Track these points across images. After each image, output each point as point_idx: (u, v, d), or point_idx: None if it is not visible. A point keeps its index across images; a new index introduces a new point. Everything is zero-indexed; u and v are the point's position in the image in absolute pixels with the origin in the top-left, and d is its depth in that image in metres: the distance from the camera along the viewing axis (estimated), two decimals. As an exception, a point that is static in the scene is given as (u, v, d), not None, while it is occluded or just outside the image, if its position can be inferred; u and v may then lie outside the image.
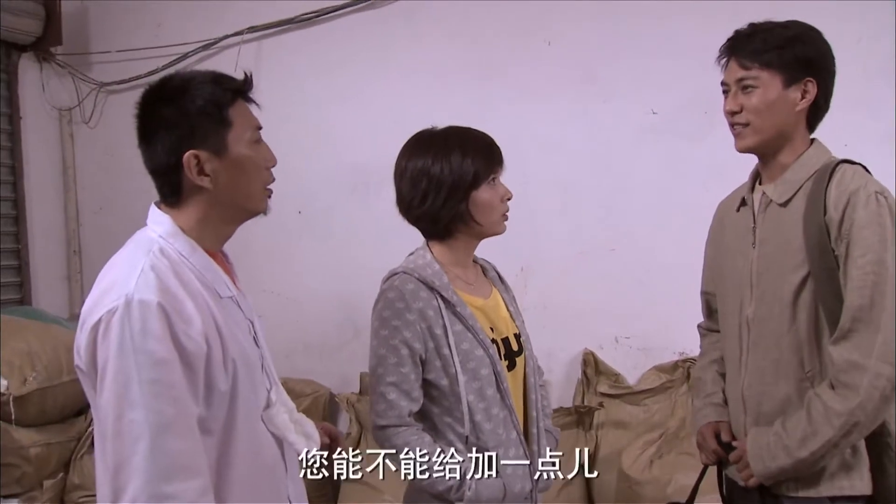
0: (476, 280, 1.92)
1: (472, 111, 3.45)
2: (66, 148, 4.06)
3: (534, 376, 1.90)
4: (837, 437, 1.65)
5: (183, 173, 1.43)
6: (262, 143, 1.53)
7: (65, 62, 3.99)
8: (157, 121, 1.44)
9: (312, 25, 3.69)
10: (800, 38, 1.77)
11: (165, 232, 1.44)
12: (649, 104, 3.41)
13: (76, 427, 3.08)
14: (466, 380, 1.77)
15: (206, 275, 1.45)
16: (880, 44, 3.19)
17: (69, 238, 4.08)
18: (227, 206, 1.49)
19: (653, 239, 3.42)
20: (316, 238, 3.74)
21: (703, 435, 1.98)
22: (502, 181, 1.86)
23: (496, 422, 1.79)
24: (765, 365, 1.80)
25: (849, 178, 1.71)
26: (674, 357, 3.40)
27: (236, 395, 1.42)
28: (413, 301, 1.76)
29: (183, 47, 3.83)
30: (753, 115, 1.77)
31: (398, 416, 1.77)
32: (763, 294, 1.80)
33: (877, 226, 1.65)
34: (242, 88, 1.50)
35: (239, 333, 1.47)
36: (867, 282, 1.63)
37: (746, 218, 1.88)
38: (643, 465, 3.13)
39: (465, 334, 1.78)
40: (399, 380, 1.76)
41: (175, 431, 1.29)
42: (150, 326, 1.29)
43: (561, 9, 3.46)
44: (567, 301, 3.50)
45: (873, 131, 3.16)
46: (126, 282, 1.33)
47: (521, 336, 1.91)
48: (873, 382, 1.61)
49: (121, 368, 1.28)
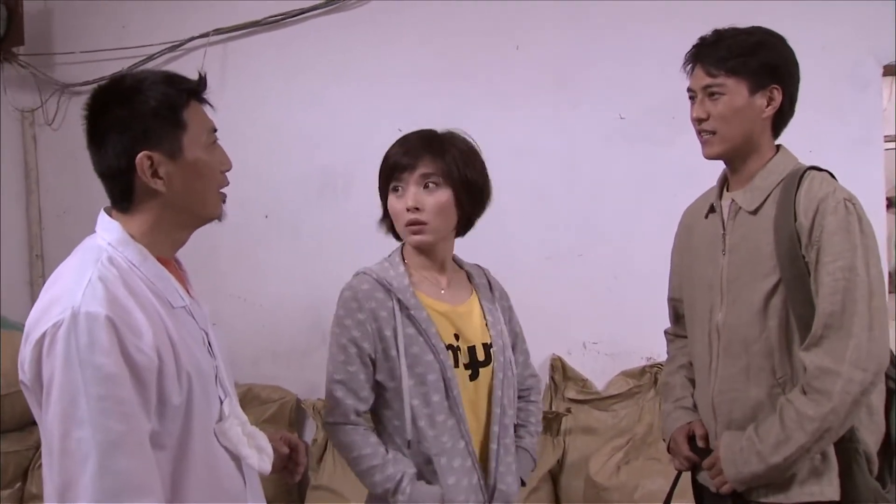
0: (451, 285, 1.90)
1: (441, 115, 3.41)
2: (29, 150, 3.97)
3: (501, 389, 1.84)
4: (810, 443, 1.66)
5: (135, 176, 1.37)
6: (218, 145, 1.49)
7: (27, 62, 3.90)
8: (109, 121, 1.38)
9: (279, 28, 3.65)
10: (764, 44, 1.79)
11: (115, 240, 1.39)
12: (618, 109, 3.42)
13: (34, 436, 3.01)
14: (412, 384, 1.76)
15: (157, 284, 1.39)
16: (844, 50, 3.23)
17: (31, 242, 3.99)
18: (180, 210, 1.44)
19: (621, 244, 3.43)
20: (283, 242, 3.70)
21: (676, 440, 1.97)
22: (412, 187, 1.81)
23: (441, 429, 1.77)
24: (735, 371, 1.81)
25: (817, 186, 1.73)
26: (641, 362, 3.41)
27: (191, 408, 1.37)
28: (366, 301, 1.78)
29: (148, 49, 3.76)
30: (720, 123, 1.78)
31: (343, 415, 1.78)
32: (734, 301, 1.80)
33: (846, 232, 1.67)
34: (197, 89, 1.45)
35: (193, 344, 1.42)
36: (838, 287, 1.65)
37: (715, 225, 1.88)
38: (610, 471, 3.13)
39: (416, 338, 1.77)
40: (346, 378, 1.77)
41: (125, 449, 1.24)
42: (97, 340, 1.23)
43: (529, 13, 3.45)
44: (535, 306, 3.42)
45: (837, 137, 3.20)
46: (72, 293, 1.27)
47: (493, 347, 1.87)
48: (846, 388, 1.63)
49: (67, 384, 1.22)
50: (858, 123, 3.22)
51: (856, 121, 3.22)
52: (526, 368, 2.06)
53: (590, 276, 3.46)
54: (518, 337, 2.04)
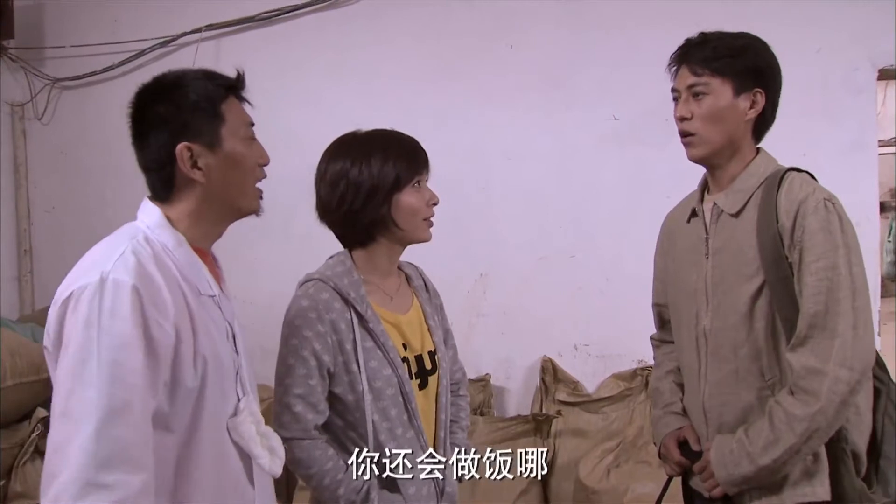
0: (397, 292, 1.87)
1: (435, 114, 3.47)
2: (18, 144, 3.96)
3: (445, 396, 1.84)
4: (799, 443, 1.65)
5: (176, 167, 1.41)
6: (256, 140, 1.53)
7: (17, 56, 3.89)
8: (151, 118, 1.42)
9: (272, 24, 3.64)
10: (750, 47, 1.79)
11: (153, 223, 1.42)
12: (611, 111, 3.41)
13: (19, 434, 2.97)
14: (372, 398, 1.73)
15: (188, 270, 1.41)
16: (840, 54, 3.22)
17: (20, 237, 3.98)
18: (218, 202, 1.47)
19: (613, 246, 3.42)
20: (274, 241, 3.67)
21: (667, 446, 1.96)
22: (429, 186, 1.81)
23: (401, 442, 1.75)
24: (724, 375, 1.80)
25: (797, 187, 1.72)
26: (633, 365, 3.39)
27: (203, 394, 1.37)
28: (326, 312, 1.72)
29: (140, 44, 3.76)
30: (702, 123, 1.78)
31: (303, 430, 1.72)
32: (719, 305, 1.80)
33: (827, 232, 1.66)
34: (235, 85, 1.49)
35: (215, 333, 1.43)
36: (822, 288, 1.65)
37: (698, 229, 1.87)
38: (600, 474, 3.12)
39: (374, 351, 1.74)
40: (306, 392, 1.71)
41: (125, 419, 1.23)
42: (119, 307, 1.25)
43: (524, 14, 3.44)
44: (526, 308, 3.49)
45: (832, 141, 3.19)
46: (104, 262, 1.30)
47: (437, 353, 1.86)
48: (832, 387, 1.62)
49: (82, 345, 1.24)
50: (853, 127, 3.21)
51: (850, 125, 3.20)
52: (454, 363, 2.02)
53: (582, 277, 3.45)
54: (448, 333, 2.00)
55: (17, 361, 2.94)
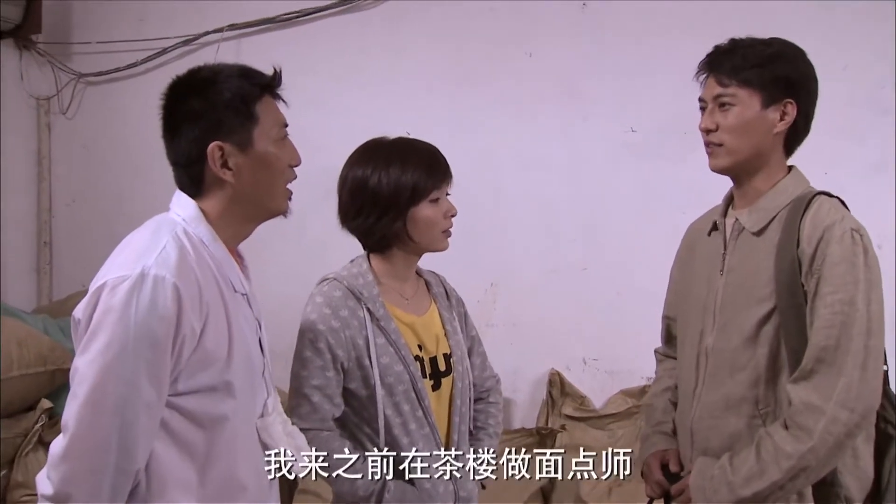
0: (414, 295, 1.91)
1: (450, 120, 3.46)
2: (42, 138, 4.01)
3: (460, 398, 1.87)
4: (784, 480, 1.58)
5: (206, 165, 1.41)
6: (288, 140, 1.51)
7: (45, 51, 3.95)
8: (183, 112, 1.42)
9: (293, 26, 3.65)
10: (781, 56, 1.71)
11: (189, 216, 1.41)
12: (629, 122, 3.37)
13: (23, 424, 3.01)
14: (384, 394, 1.76)
15: (223, 266, 1.42)
16: (868, 72, 3.15)
17: (40, 229, 4.04)
18: (247, 203, 1.46)
19: (626, 260, 3.37)
20: (287, 243, 3.68)
21: (649, 465, 1.92)
22: (448, 197, 1.83)
23: (414, 438, 1.79)
24: (717, 398, 1.74)
25: (825, 212, 1.64)
26: (641, 382, 3.34)
27: (233, 392, 1.39)
28: (339, 308, 1.77)
29: (163, 42, 3.79)
30: (728, 135, 1.71)
31: (321, 420, 1.76)
32: (725, 324, 1.73)
33: (850, 264, 1.58)
34: (271, 84, 1.49)
35: (247, 331, 1.45)
36: (835, 322, 1.57)
37: (717, 243, 1.81)
38: (602, 493, 3.07)
39: (386, 348, 1.78)
40: (324, 383, 1.75)
41: (149, 415, 1.27)
42: (158, 304, 1.26)
43: (544, 21, 3.41)
44: (536, 319, 3.46)
45: (856, 160, 3.12)
46: (146, 255, 1.30)
47: (453, 356, 1.88)
48: (829, 427, 1.54)
49: (116, 338, 1.24)
50: (876, 147, 3.13)
51: (873, 144, 3.13)
52: (484, 370, 2.05)
53: (593, 291, 3.42)
54: (475, 341, 2.03)
55: (24, 352, 2.97)
